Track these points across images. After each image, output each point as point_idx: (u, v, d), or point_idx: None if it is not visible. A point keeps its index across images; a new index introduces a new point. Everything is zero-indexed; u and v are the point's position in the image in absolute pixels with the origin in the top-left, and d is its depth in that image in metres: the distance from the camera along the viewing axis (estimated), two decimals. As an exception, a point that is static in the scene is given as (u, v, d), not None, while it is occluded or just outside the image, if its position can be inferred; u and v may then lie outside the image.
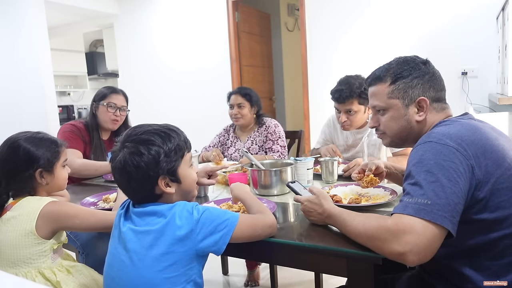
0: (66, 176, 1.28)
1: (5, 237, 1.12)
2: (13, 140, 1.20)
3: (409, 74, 1.05)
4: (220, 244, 0.94)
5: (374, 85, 1.11)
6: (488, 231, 0.89)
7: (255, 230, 0.99)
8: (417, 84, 1.04)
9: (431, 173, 0.86)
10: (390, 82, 1.07)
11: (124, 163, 0.94)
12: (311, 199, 1.08)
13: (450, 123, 0.98)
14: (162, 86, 4.80)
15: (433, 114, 1.05)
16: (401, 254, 0.81)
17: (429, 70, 1.06)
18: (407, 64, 1.07)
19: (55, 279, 1.14)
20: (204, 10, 4.34)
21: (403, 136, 1.09)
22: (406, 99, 1.04)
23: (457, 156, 0.87)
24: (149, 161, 0.94)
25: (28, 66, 4.24)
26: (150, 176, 0.95)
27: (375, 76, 1.11)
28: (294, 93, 5.65)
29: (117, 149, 0.98)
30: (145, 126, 1.01)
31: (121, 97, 2.14)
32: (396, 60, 1.10)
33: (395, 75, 1.06)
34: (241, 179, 1.48)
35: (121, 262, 0.95)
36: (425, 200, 0.83)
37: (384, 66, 1.11)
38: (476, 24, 3.01)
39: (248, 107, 2.33)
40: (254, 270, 2.38)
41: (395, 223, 0.84)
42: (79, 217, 1.16)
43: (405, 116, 1.06)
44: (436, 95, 1.05)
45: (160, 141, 0.97)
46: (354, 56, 3.54)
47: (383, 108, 1.09)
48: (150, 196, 0.99)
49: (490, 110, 2.84)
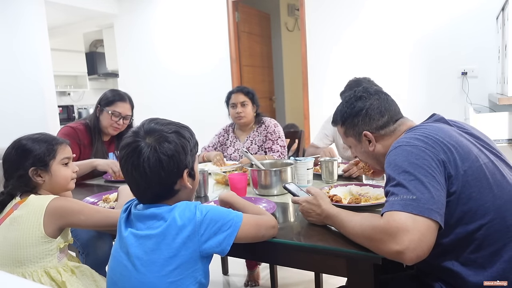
0: (67, 174, 1.25)
1: (12, 236, 1.11)
2: (16, 140, 1.22)
3: (349, 115, 1.16)
4: (225, 245, 0.92)
5: (335, 126, 1.25)
6: (464, 223, 0.91)
7: (260, 231, 0.98)
8: (358, 122, 1.14)
9: (408, 172, 0.90)
10: (340, 124, 1.20)
11: (155, 151, 0.91)
12: (309, 200, 1.09)
13: (414, 129, 1.05)
14: (162, 86, 4.80)
15: (386, 139, 1.12)
16: (399, 252, 0.82)
17: (365, 104, 1.14)
18: (346, 105, 1.17)
19: (60, 279, 1.14)
20: (204, 10, 4.34)
21: (374, 162, 1.18)
22: (356, 135, 1.16)
23: (427, 153, 0.92)
24: (180, 151, 0.94)
25: (28, 66, 4.24)
26: (179, 167, 0.94)
27: (332, 119, 1.25)
28: (294, 93, 5.65)
29: (133, 140, 0.93)
30: (164, 119, 1.00)
31: (127, 105, 2.09)
32: (341, 103, 1.22)
33: (341, 118, 1.19)
34: (241, 179, 1.48)
35: (124, 267, 0.94)
36: (410, 196, 0.86)
37: (337, 108, 1.22)
38: (476, 24, 3.01)
39: (250, 105, 2.33)
40: (254, 270, 2.38)
41: (387, 222, 0.85)
42: (84, 213, 1.16)
43: (362, 149, 1.17)
44: (378, 124, 1.12)
45: (188, 135, 0.98)
46: (354, 56, 3.54)
47: (348, 145, 1.24)
48: (168, 192, 0.97)
49: (490, 110, 2.84)
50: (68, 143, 1.30)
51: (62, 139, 1.28)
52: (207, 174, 1.55)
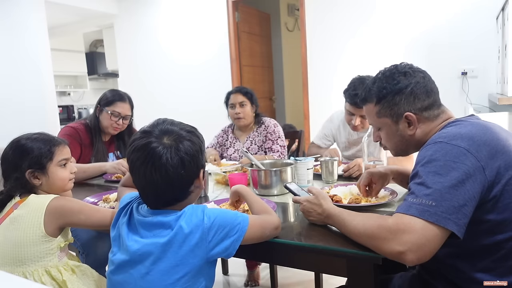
0: (64, 176, 1.24)
1: (12, 235, 1.11)
2: (15, 139, 1.22)
3: (389, 92, 1.03)
4: (231, 250, 0.92)
5: (364, 105, 1.13)
6: (494, 233, 0.88)
7: (264, 232, 0.99)
8: (400, 100, 1.02)
9: (439, 174, 0.85)
10: (375, 103, 1.07)
11: (179, 150, 0.90)
12: (310, 199, 1.08)
13: (460, 123, 0.96)
14: (162, 86, 4.80)
15: (427, 123, 1.03)
16: (400, 253, 0.81)
17: (411, 81, 1.02)
18: (387, 81, 1.04)
19: (61, 278, 1.14)
20: (204, 10, 4.34)
21: (403, 148, 1.09)
22: (394, 116, 1.04)
23: (468, 158, 0.85)
24: (198, 151, 0.95)
25: (28, 66, 4.24)
26: (198, 167, 0.95)
27: (362, 97, 1.12)
28: (294, 93, 5.65)
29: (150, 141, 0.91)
30: (173, 120, 1.00)
31: (127, 105, 2.08)
32: (376, 78, 1.09)
33: (377, 95, 1.06)
34: (241, 179, 1.48)
35: (128, 275, 0.92)
36: (429, 201, 0.82)
37: (367, 86, 1.10)
38: (476, 24, 3.01)
39: (249, 105, 2.32)
40: (254, 270, 2.38)
41: (396, 223, 0.84)
42: (84, 213, 1.16)
43: (397, 132, 1.06)
44: (423, 104, 1.02)
45: (200, 135, 0.99)
46: (354, 56, 3.54)
47: (376, 127, 1.12)
48: (184, 194, 0.96)
49: (490, 110, 2.85)
50: (67, 143, 1.29)
51: (60, 140, 1.27)
52: (207, 174, 1.55)
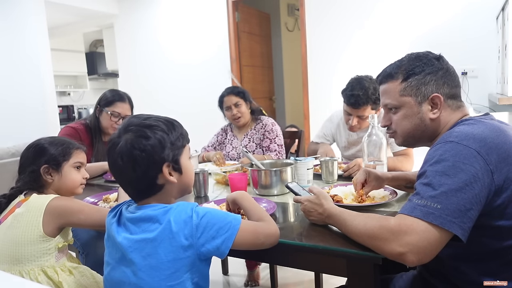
0: (76, 178, 1.27)
1: (11, 233, 1.12)
2: (36, 140, 1.27)
3: (421, 71, 1.00)
4: (223, 249, 0.90)
5: (386, 82, 1.07)
6: (502, 239, 0.87)
7: (258, 238, 0.96)
8: (430, 81, 0.99)
9: (447, 175, 0.83)
10: (402, 79, 1.03)
11: (130, 146, 0.91)
12: (311, 199, 1.08)
13: (473, 123, 0.94)
14: (162, 86, 4.80)
15: (448, 112, 1.00)
16: (400, 254, 0.81)
17: (443, 65, 1.01)
18: (420, 60, 1.02)
19: (57, 278, 1.14)
20: (204, 10, 4.34)
21: (417, 135, 1.04)
22: (419, 96, 1.00)
23: (477, 160, 0.83)
24: (155, 145, 0.92)
25: (28, 66, 4.24)
26: (156, 162, 0.93)
27: (386, 73, 1.08)
28: (294, 93, 5.65)
29: (116, 136, 0.94)
30: (145, 114, 1.00)
31: (127, 105, 2.09)
32: (407, 57, 1.06)
33: (407, 72, 1.02)
34: (241, 179, 1.48)
35: (122, 272, 0.92)
36: (435, 204, 0.81)
37: (395, 63, 1.07)
38: (476, 24, 3.01)
39: (244, 104, 2.33)
40: (254, 270, 2.38)
41: (398, 224, 0.83)
42: (84, 213, 1.16)
43: (418, 114, 1.02)
44: (450, 91, 1.00)
45: (165, 127, 0.96)
46: (354, 56, 3.54)
47: (395, 106, 1.05)
48: (152, 187, 0.95)
49: (490, 110, 2.84)
50: (85, 150, 1.33)
51: (79, 144, 1.31)
52: (207, 174, 1.54)
